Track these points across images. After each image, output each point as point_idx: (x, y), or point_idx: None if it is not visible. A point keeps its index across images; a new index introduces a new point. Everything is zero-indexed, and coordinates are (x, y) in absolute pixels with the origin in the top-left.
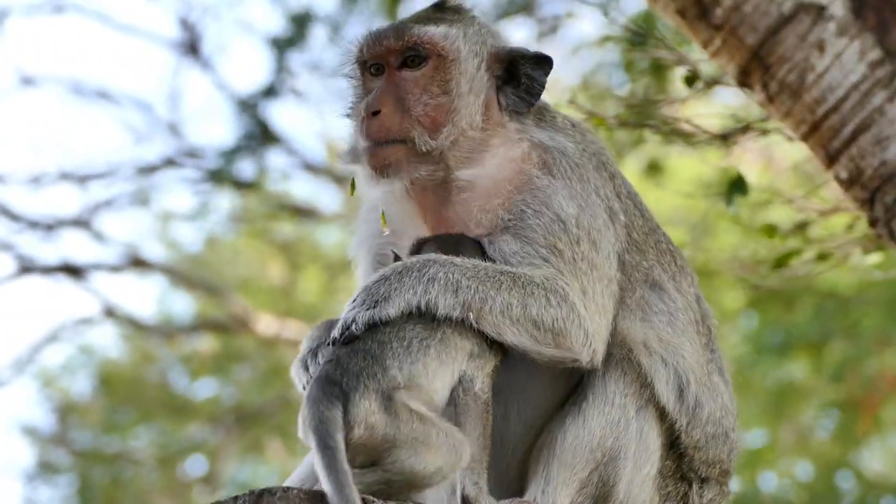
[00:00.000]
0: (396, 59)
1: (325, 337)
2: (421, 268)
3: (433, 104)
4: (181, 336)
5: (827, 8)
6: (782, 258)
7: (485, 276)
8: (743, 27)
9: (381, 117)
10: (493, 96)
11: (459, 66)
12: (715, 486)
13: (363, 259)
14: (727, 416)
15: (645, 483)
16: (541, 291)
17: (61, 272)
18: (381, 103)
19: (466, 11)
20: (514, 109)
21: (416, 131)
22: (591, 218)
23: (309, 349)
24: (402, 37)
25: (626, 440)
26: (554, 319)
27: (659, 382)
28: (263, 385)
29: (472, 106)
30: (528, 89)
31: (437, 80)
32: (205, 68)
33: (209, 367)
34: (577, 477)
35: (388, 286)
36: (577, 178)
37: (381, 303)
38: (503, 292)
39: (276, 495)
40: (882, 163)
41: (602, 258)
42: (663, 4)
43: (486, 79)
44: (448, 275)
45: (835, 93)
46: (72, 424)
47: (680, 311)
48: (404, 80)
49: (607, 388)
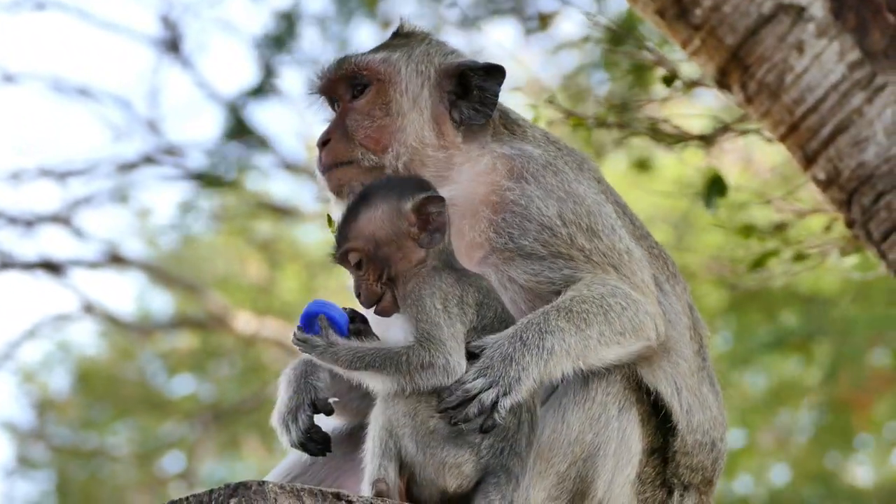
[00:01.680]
0: (345, 89)
1: (304, 394)
2: (536, 342)
3: (375, 126)
4: (159, 333)
5: (807, 9)
6: (760, 258)
7: (567, 321)
8: (722, 27)
9: (330, 145)
10: (446, 112)
11: (399, 86)
12: (695, 495)
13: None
14: (716, 427)
15: (625, 485)
16: (609, 301)
17: (40, 268)
18: (328, 134)
19: (417, 34)
20: (471, 123)
21: (358, 151)
22: (577, 204)
23: (289, 409)
24: (342, 67)
25: (606, 437)
26: (629, 320)
27: (661, 384)
28: (241, 382)
29: (418, 122)
30: (481, 101)
31: (379, 103)
32: (185, 66)
33: (187, 365)
34: (554, 470)
35: (516, 368)
36: (549, 174)
37: (516, 385)
38: (590, 327)
39: (251, 489)
40: (860, 164)
41: (607, 239)
42: (643, 5)
43: (433, 95)
44: (560, 343)
45: (813, 93)
46: (50, 420)
47: (676, 313)
48: (352, 110)
49: (589, 385)
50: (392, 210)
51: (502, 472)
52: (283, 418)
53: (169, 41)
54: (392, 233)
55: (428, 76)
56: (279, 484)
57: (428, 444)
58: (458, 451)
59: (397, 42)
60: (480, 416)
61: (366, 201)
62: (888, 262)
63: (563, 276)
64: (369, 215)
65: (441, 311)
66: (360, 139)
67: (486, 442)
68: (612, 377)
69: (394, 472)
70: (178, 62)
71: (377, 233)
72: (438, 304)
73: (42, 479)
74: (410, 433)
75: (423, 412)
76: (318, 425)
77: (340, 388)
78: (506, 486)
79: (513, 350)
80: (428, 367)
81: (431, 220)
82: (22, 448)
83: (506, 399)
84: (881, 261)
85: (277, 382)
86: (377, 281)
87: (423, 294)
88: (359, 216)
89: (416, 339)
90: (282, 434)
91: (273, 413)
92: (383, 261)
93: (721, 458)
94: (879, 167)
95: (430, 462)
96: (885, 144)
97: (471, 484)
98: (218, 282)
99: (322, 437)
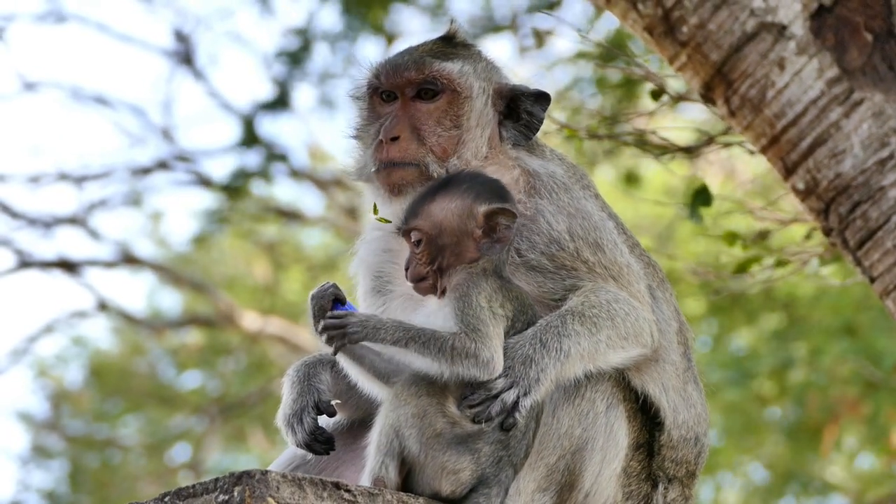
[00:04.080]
0: (412, 89)
1: (308, 396)
2: (555, 345)
3: (445, 136)
4: (169, 330)
5: (788, 27)
6: (743, 263)
7: (581, 325)
8: (707, 44)
9: (400, 142)
10: (496, 130)
11: (471, 102)
12: (678, 488)
13: (363, 278)
14: (700, 423)
15: (611, 478)
16: (614, 307)
17: (57, 267)
18: (399, 130)
19: (473, 47)
20: (514, 142)
21: (429, 157)
22: (584, 220)
23: (294, 411)
24: (422, 70)
25: (595, 432)
26: (632, 325)
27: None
28: (247, 378)
29: (479, 139)
30: (527, 124)
31: (451, 113)
32: (197, 77)
33: (195, 360)
34: (544, 462)
35: (535, 369)
36: (563, 191)
37: (535, 386)
38: (601, 332)
39: (254, 478)
40: (837, 175)
41: (609, 253)
42: (632, 22)
43: (491, 114)
44: (575, 346)
45: (793, 108)
46: (64, 412)
47: (666, 320)
48: (419, 111)
49: (578, 382)
50: (466, 207)
51: (494, 484)
52: (289, 419)
53: (182, 53)
54: (457, 228)
55: (489, 94)
56: (281, 473)
57: (432, 447)
58: (459, 458)
59: (461, 52)
60: (501, 414)
61: (446, 189)
62: (864, 269)
63: (565, 286)
64: (444, 204)
65: (486, 310)
66: (432, 144)
67: (487, 449)
68: (601, 375)
69: (394, 471)
70: (191, 73)
71: (444, 222)
72: (483, 303)
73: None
74: (417, 434)
75: (432, 414)
76: (323, 427)
77: (341, 387)
78: (495, 498)
79: (533, 352)
80: (472, 357)
81: (498, 230)
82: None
83: (526, 399)
84: (857, 268)
85: (281, 381)
86: (429, 264)
87: (470, 291)
88: (434, 200)
89: (461, 329)
90: (287, 434)
91: (278, 413)
92: (440, 249)
93: (704, 453)
94: (856, 178)
95: (431, 464)
96: (861, 157)
97: (464, 491)
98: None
99: (326, 438)
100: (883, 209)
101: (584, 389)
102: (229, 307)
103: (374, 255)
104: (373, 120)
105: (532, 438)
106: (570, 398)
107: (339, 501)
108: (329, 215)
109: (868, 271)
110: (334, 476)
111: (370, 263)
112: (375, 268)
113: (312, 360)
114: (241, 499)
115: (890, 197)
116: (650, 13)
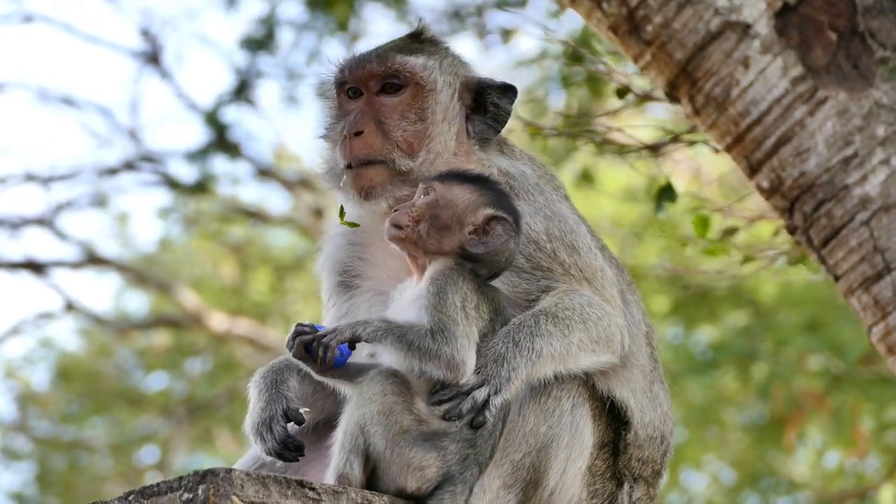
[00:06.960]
0: (376, 84)
1: (277, 405)
2: (527, 344)
3: (411, 130)
4: (136, 331)
5: (752, 26)
6: (712, 249)
7: (554, 326)
8: (672, 43)
9: (364, 137)
10: (463, 124)
11: (436, 95)
12: (644, 487)
13: (329, 275)
14: (666, 422)
15: (576, 476)
16: (587, 311)
17: (24, 268)
18: (362, 125)
19: (441, 43)
20: (482, 137)
21: (395, 153)
22: (561, 222)
23: (262, 420)
24: (384, 63)
25: (560, 430)
26: (604, 329)
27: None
28: (213, 379)
29: (447, 133)
30: (494, 117)
31: (415, 107)
32: (164, 77)
33: (162, 361)
34: (509, 459)
35: (507, 368)
36: (538, 193)
37: (505, 385)
38: (573, 333)
39: (219, 476)
40: (801, 174)
41: (585, 256)
42: (597, 21)
43: (458, 108)
44: (547, 346)
45: (758, 106)
46: (32, 413)
47: (636, 324)
48: (383, 105)
49: (546, 381)
50: (473, 203)
51: (460, 482)
52: (258, 428)
53: (149, 54)
54: (457, 214)
55: (455, 88)
56: (246, 471)
57: (398, 444)
58: (426, 455)
59: (427, 48)
60: (471, 412)
61: (470, 181)
62: (828, 267)
63: (540, 286)
64: (461, 188)
65: (459, 309)
66: (397, 139)
67: (454, 447)
68: (568, 375)
69: (359, 468)
70: (158, 74)
71: (453, 200)
72: (458, 302)
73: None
74: (382, 431)
75: (398, 412)
76: (293, 435)
77: (306, 391)
78: (460, 496)
79: (505, 350)
80: (434, 358)
81: (490, 236)
82: (4, 440)
83: (496, 398)
84: (821, 266)
85: (247, 387)
86: (415, 223)
87: (447, 287)
88: (462, 183)
89: (429, 327)
90: (257, 443)
91: (246, 420)
92: (432, 217)
93: (669, 452)
94: (820, 177)
95: (396, 461)
96: (825, 155)
97: (429, 489)
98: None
99: (297, 446)
100: (847, 208)
101: (551, 388)
102: (196, 308)
103: (340, 250)
104: (340, 118)
105: (499, 437)
106: (537, 396)
107: (304, 499)
108: (295, 216)
109: (832, 270)
110: (299, 475)
111: (336, 259)
112: (342, 263)
113: (279, 366)
114: (206, 497)
115: (854, 195)
116: (615, 12)
